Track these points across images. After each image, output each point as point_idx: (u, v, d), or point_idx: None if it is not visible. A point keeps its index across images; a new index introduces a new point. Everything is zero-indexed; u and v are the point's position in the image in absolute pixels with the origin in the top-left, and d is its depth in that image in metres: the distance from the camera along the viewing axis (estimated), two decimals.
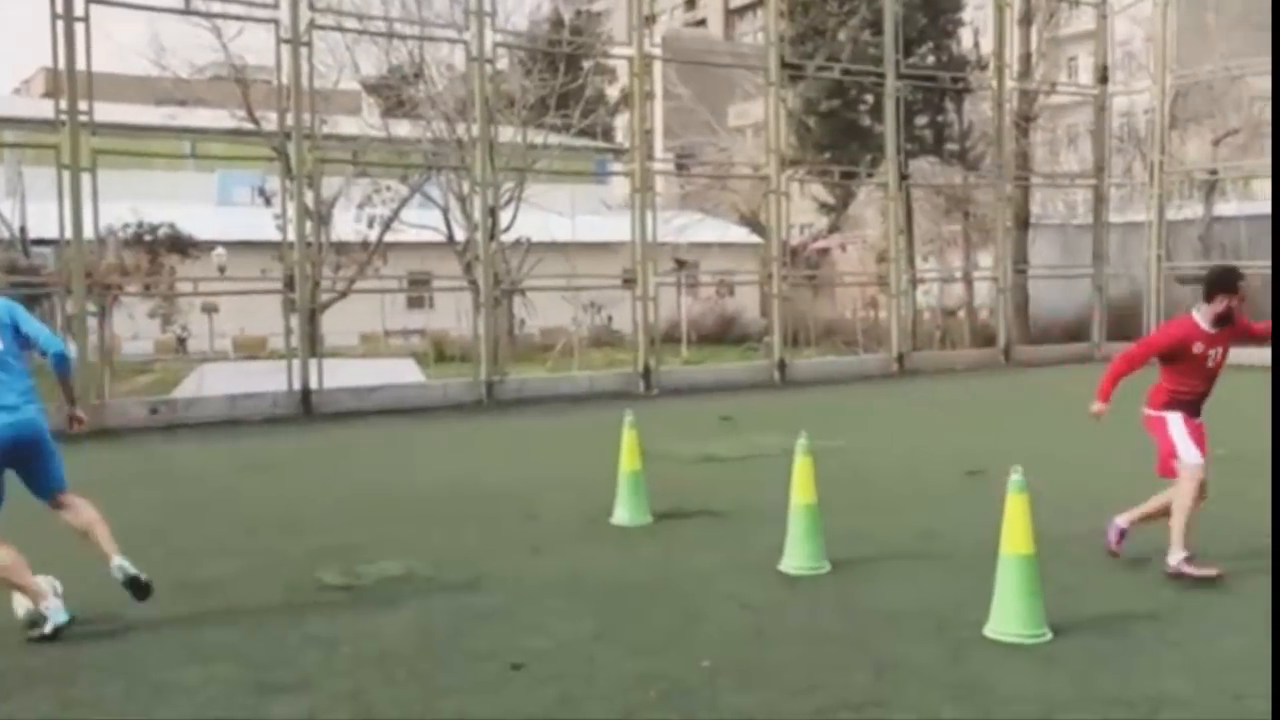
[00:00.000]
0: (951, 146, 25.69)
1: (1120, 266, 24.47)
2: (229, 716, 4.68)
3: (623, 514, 8.32)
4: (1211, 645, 5.39)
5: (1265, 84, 23.92)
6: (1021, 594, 5.47)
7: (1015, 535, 5.46)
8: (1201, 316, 6.64)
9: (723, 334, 30.53)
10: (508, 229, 21.77)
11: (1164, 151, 23.33)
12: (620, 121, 33.60)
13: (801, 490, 6.89)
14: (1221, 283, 6.66)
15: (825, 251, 33.00)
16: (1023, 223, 24.84)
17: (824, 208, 29.97)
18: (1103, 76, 24.78)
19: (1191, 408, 6.68)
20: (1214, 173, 24.70)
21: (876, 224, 24.95)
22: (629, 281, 19.05)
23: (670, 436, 12.81)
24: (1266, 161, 23.18)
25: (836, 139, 25.63)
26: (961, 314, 25.68)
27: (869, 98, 24.16)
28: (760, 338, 23.31)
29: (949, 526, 7.98)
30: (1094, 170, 24.62)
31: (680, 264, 30.01)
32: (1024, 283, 24.67)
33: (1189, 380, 6.65)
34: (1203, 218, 24.37)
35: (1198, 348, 6.58)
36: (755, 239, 34.77)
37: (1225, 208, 24.85)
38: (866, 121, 24.98)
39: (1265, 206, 23.25)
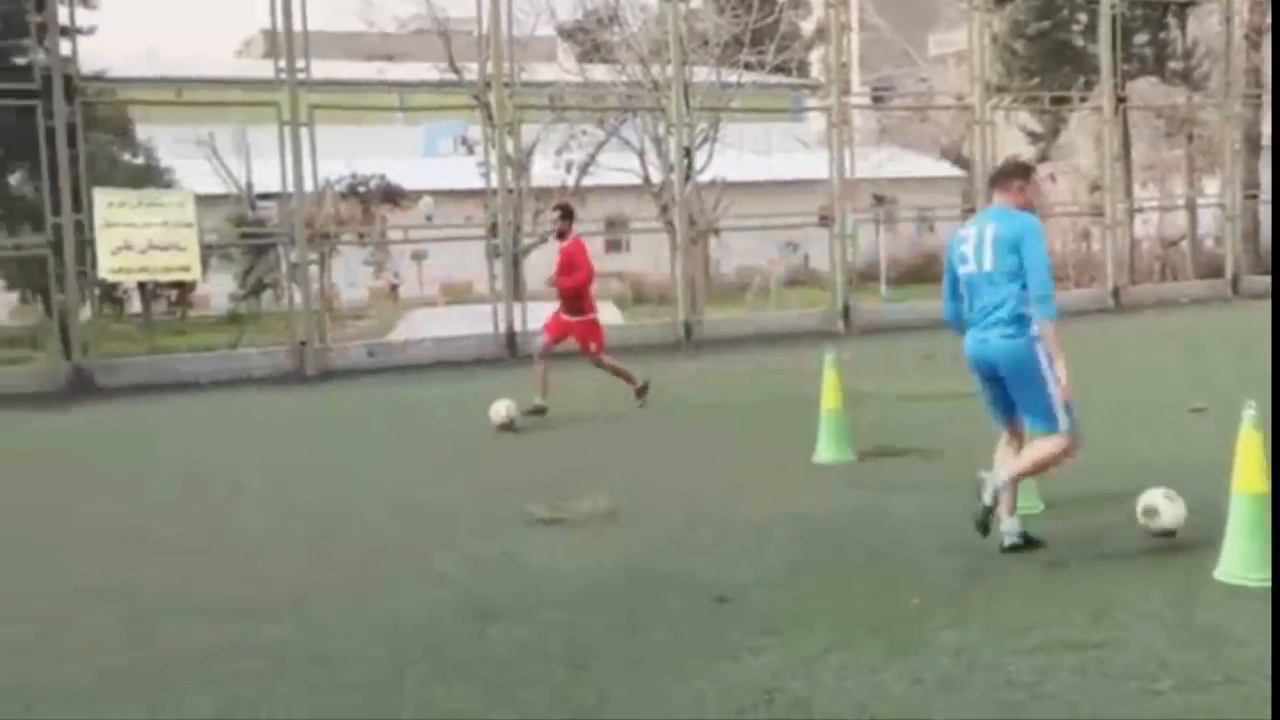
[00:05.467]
0: (1174, 65, 24.06)
1: None
2: (444, 640, 4.91)
3: (825, 453, 8.26)
4: None
5: None
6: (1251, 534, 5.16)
7: (1248, 472, 5.15)
8: None
9: (923, 271, 29.68)
10: (703, 170, 21.69)
11: None
12: (815, 56, 32.89)
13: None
14: None
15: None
16: (1254, 145, 23.09)
17: (1032, 136, 28.63)
18: None
19: None
20: None
21: (1089, 152, 23.64)
22: (825, 219, 18.75)
23: (870, 375, 12.58)
24: None
25: (1046, 63, 24.42)
26: (1184, 244, 24.14)
27: (1082, 17, 22.85)
28: None
29: (1169, 460, 7.56)
30: None
31: (879, 200, 29.29)
32: (1254, 209, 22.98)
33: None
34: None
35: None
36: (957, 172, 33.61)
37: None
38: (1079, 42, 23.66)
39: None
